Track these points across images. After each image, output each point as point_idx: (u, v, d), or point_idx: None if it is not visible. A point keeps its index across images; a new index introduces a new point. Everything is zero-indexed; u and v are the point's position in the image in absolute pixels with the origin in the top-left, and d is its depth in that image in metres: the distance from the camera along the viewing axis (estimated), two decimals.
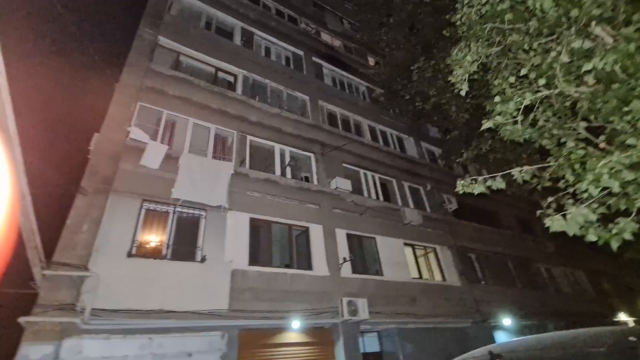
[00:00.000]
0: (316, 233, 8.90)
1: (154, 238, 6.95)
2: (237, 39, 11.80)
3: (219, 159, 8.55)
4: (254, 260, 7.58)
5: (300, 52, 13.67)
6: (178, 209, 7.26)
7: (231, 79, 10.75)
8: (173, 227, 7.08)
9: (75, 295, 5.44)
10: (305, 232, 8.89)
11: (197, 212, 7.46)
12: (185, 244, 7.04)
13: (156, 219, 7.07)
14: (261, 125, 9.83)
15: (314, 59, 14.00)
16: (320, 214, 9.30)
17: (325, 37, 15.61)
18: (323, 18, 16.36)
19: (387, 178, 12.37)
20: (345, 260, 8.74)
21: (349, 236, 9.50)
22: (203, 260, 6.85)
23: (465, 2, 4.78)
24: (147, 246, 6.82)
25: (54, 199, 6.51)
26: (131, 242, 6.39)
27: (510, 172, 4.05)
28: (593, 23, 3.07)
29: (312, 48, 14.25)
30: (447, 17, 5.85)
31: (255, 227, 8.13)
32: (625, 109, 2.82)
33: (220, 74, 10.55)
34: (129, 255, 6.23)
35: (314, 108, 11.99)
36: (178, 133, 8.47)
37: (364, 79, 15.44)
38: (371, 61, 16.75)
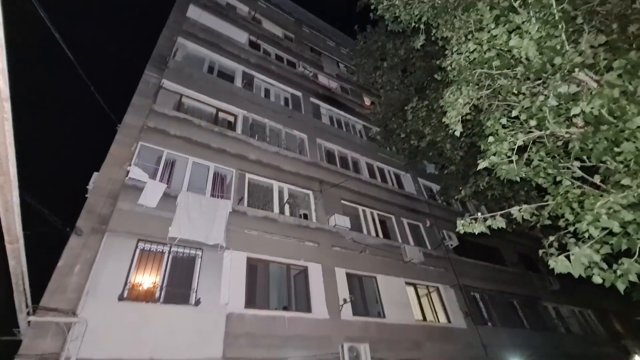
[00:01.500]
0: (315, 272, 8.65)
1: (147, 280, 6.72)
2: (238, 82, 12.32)
3: (218, 197, 8.53)
4: (250, 302, 7.28)
5: (299, 93, 14.23)
6: (174, 248, 7.10)
7: (231, 118, 11.07)
8: (168, 268, 6.87)
9: (61, 344, 5.14)
10: (304, 271, 8.64)
11: (193, 251, 7.29)
12: (179, 286, 6.80)
13: (151, 259, 6.89)
14: (260, 164, 9.95)
15: (311, 99, 14.54)
16: (319, 253, 9.11)
17: (322, 79, 16.37)
18: (320, 62, 17.24)
19: (386, 215, 12.31)
20: (345, 301, 8.41)
21: (348, 275, 9.23)
22: (197, 303, 6.57)
23: (454, 49, 5.09)
24: (140, 289, 6.57)
25: (49, 239, 6.39)
26: (123, 284, 6.16)
27: (509, 211, 4.04)
28: (577, 69, 3.25)
29: (310, 89, 14.86)
30: (438, 62, 6.19)
31: (253, 267, 7.91)
32: (617, 149, 2.90)
33: (221, 114, 10.88)
34: (120, 298, 5.98)
35: (312, 146, 12.23)
36: (177, 171, 8.53)
37: (361, 118, 15.93)
38: (367, 101, 17.41)
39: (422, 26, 6.54)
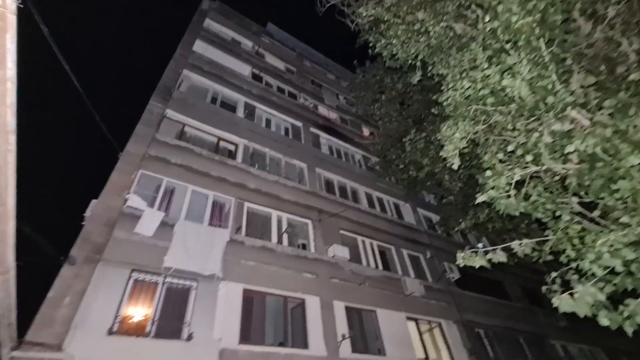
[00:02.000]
0: (313, 306, 8.37)
1: (139, 312, 6.48)
2: (240, 112, 12.63)
3: (215, 226, 8.45)
4: (245, 337, 6.98)
5: (299, 124, 14.53)
6: (168, 279, 6.92)
7: (232, 147, 11.23)
8: (161, 300, 6.66)
9: None
10: (302, 304, 8.37)
11: (187, 282, 7.10)
12: (172, 319, 6.55)
13: (144, 290, 6.69)
14: (259, 192, 9.96)
15: (311, 129, 14.83)
16: (318, 285, 8.87)
17: (322, 110, 16.79)
18: (320, 94, 17.77)
19: (386, 245, 12.13)
20: (344, 337, 8.07)
21: (347, 309, 8.92)
22: (189, 338, 6.30)
23: (450, 85, 5.27)
24: (131, 322, 6.32)
25: (41, 269, 6.24)
26: (114, 317, 5.94)
27: (510, 245, 4.00)
28: (569, 108, 3.35)
29: (310, 120, 15.20)
30: (435, 97, 6.39)
31: (249, 300, 7.67)
32: (614, 187, 2.93)
33: (222, 143, 11.04)
34: (110, 332, 5.74)
35: (311, 175, 12.30)
36: (176, 200, 8.51)
37: (360, 148, 16.16)
38: (366, 132, 17.75)
39: (418, 63, 6.82)
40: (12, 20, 1.91)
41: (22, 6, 1.92)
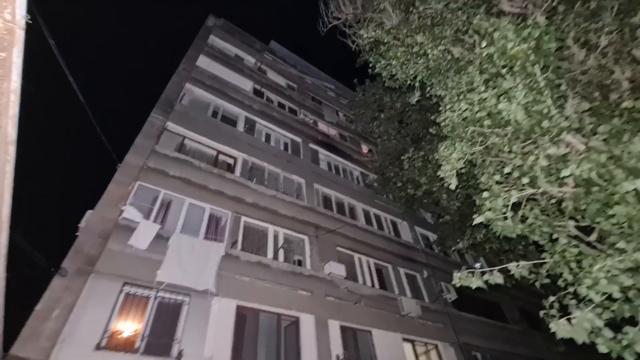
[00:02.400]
0: (307, 324, 8.19)
1: (129, 327, 6.32)
2: (241, 126, 12.74)
3: (211, 240, 8.36)
4: (236, 356, 6.79)
5: (298, 139, 14.65)
6: (160, 293, 6.79)
7: (231, 161, 11.26)
8: (152, 315, 6.51)
9: None
10: (296, 322, 8.19)
11: (180, 297, 6.96)
12: (162, 336, 6.38)
13: (135, 304, 6.55)
14: (256, 207, 9.92)
15: (311, 145, 14.94)
16: (312, 302, 8.72)
17: (322, 126, 16.97)
18: (320, 110, 18.01)
19: (383, 263, 12.01)
20: (338, 358, 7.87)
21: (342, 329, 8.73)
22: (179, 356, 6.12)
23: (448, 107, 5.36)
24: (120, 337, 6.15)
25: (31, 280, 6.12)
26: (103, 331, 5.79)
27: (507, 267, 3.97)
28: (564, 132, 3.41)
29: (310, 136, 15.33)
30: (433, 117, 6.48)
31: (242, 317, 7.51)
32: (610, 212, 2.94)
33: (221, 157, 11.08)
34: (98, 347, 5.58)
35: (309, 191, 12.30)
36: (172, 212, 8.46)
37: (358, 165, 16.24)
38: (365, 149, 17.88)
39: (417, 84, 6.96)
40: (20, 35, 1.95)
41: (31, 22, 1.97)
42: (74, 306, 5.79)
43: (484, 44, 3.87)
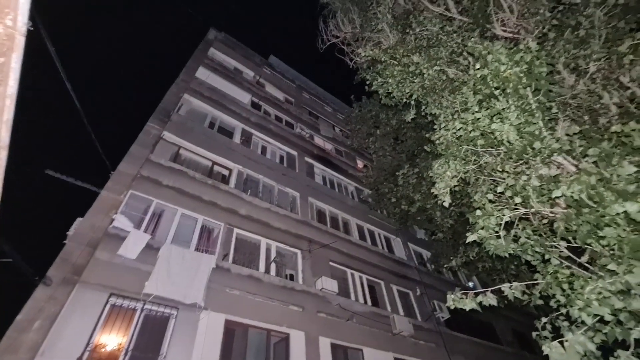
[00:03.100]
0: (297, 341, 8.00)
1: (113, 341, 6.11)
2: (237, 138, 12.77)
3: (202, 252, 8.23)
4: None
5: (294, 152, 14.70)
6: (147, 306, 6.61)
7: (226, 172, 11.23)
8: (137, 328, 6.31)
9: None
10: (286, 339, 8.00)
11: (167, 310, 6.78)
12: (147, 350, 6.17)
13: (120, 317, 6.35)
14: (250, 219, 9.84)
15: (306, 158, 14.99)
16: (304, 319, 8.54)
17: (318, 140, 17.09)
18: (317, 125, 18.18)
19: (375, 280, 11.88)
20: None
21: (333, 347, 8.54)
22: None
23: (442, 125, 5.45)
24: (103, 351, 5.93)
25: (13, 288, 5.94)
26: (85, 345, 5.59)
27: (500, 288, 3.95)
28: (555, 154, 3.47)
29: (306, 149, 15.41)
30: (427, 135, 6.58)
31: (230, 332, 7.32)
32: (600, 233, 2.97)
33: (216, 168, 11.05)
34: None
35: (303, 204, 12.26)
36: (164, 222, 8.34)
37: (353, 180, 16.29)
38: (360, 164, 18.00)
39: (413, 102, 7.10)
40: (20, 42, 1.96)
41: (32, 29, 1.98)
42: (57, 317, 5.60)
43: (477, 66, 3.98)
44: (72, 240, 6.78)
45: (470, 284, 15.15)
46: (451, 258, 8.92)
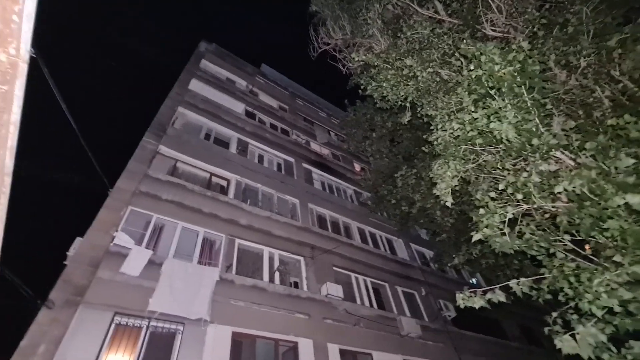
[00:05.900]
0: (306, 350, 7.95)
1: None
2: (233, 148, 12.78)
3: (205, 264, 8.19)
4: None
5: (291, 159, 14.72)
6: (153, 323, 6.54)
7: (224, 183, 11.20)
8: (144, 346, 6.24)
9: None
10: (294, 348, 7.94)
11: (173, 326, 6.71)
12: None
13: (126, 336, 6.28)
14: (251, 229, 9.81)
15: (304, 165, 15.01)
16: (311, 326, 8.49)
17: (314, 146, 17.14)
18: (312, 131, 18.24)
19: (380, 282, 11.86)
20: None
21: (342, 352, 8.49)
22: None
23: (439, 126, 5.50)
24: None
25: (17, 314, 5.85)
26: None
27: (508, 284, 3.97)
28: (553, 149, 3.52)
29: (303, 156, 15.44)
30: (424, 136, 6.63)
31: (237, 344, 7.25)
32: (603, 226, 3.02)
33: (215, 179, 11.03)
34: None
35: (303, 211, 12.25)
36: (165, 237, 8.29)
37: (352, 183, 16.32)
38: (357, 167, 18.05)
39: (408, 104, 7.16)
40: (23, 69, 1.97)
41: (34, 56, 1.99)
42: (61, 340, 5.52)
43: (472, 67, 4.04)
44: (73, 261, 6.71)
45: (474, 281, 15.18)
46: (454, 256, 8.94)
